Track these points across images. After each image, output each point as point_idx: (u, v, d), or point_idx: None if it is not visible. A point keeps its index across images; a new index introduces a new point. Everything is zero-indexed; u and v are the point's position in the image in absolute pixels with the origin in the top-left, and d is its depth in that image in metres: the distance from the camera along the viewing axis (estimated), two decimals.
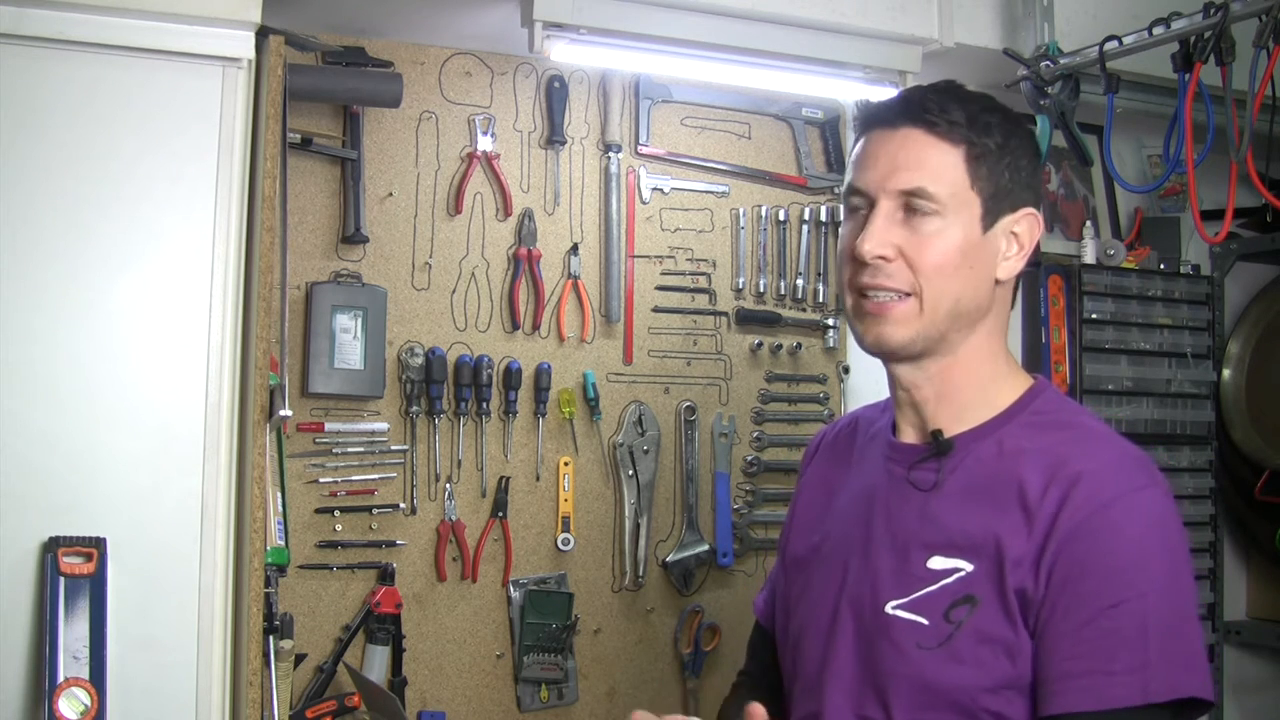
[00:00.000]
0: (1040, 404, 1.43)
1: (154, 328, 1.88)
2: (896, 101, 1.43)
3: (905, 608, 1.37)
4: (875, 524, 1.45)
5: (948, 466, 1.41)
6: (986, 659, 1.31)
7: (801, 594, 1.54)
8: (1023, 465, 1.35)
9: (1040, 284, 2.77)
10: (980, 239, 1.40)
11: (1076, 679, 1.26)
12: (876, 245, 1.37)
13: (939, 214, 1.37)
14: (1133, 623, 1.26)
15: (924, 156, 1.38)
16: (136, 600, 1.82)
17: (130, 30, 1.86)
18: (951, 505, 1.38)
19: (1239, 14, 2.12)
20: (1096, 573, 1.27)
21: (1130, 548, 1.29)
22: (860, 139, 1.45)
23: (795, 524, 1.64)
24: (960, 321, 1.40)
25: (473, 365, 2.51)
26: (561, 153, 2.63)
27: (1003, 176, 1.40)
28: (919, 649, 1.34)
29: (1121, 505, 1.30)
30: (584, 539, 2.62)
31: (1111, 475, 1.32)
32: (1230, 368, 2.98)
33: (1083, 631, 1.27)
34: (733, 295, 2.77)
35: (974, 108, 1.40)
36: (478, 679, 2.53)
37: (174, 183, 1.89)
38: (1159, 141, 2.49)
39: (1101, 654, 1.26)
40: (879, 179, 1.39)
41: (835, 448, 1.63)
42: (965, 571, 1.34)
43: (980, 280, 1.41)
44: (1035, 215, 1.44)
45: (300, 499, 2.39)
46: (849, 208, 1.45)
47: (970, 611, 1.32)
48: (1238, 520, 3.03)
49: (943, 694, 1.32)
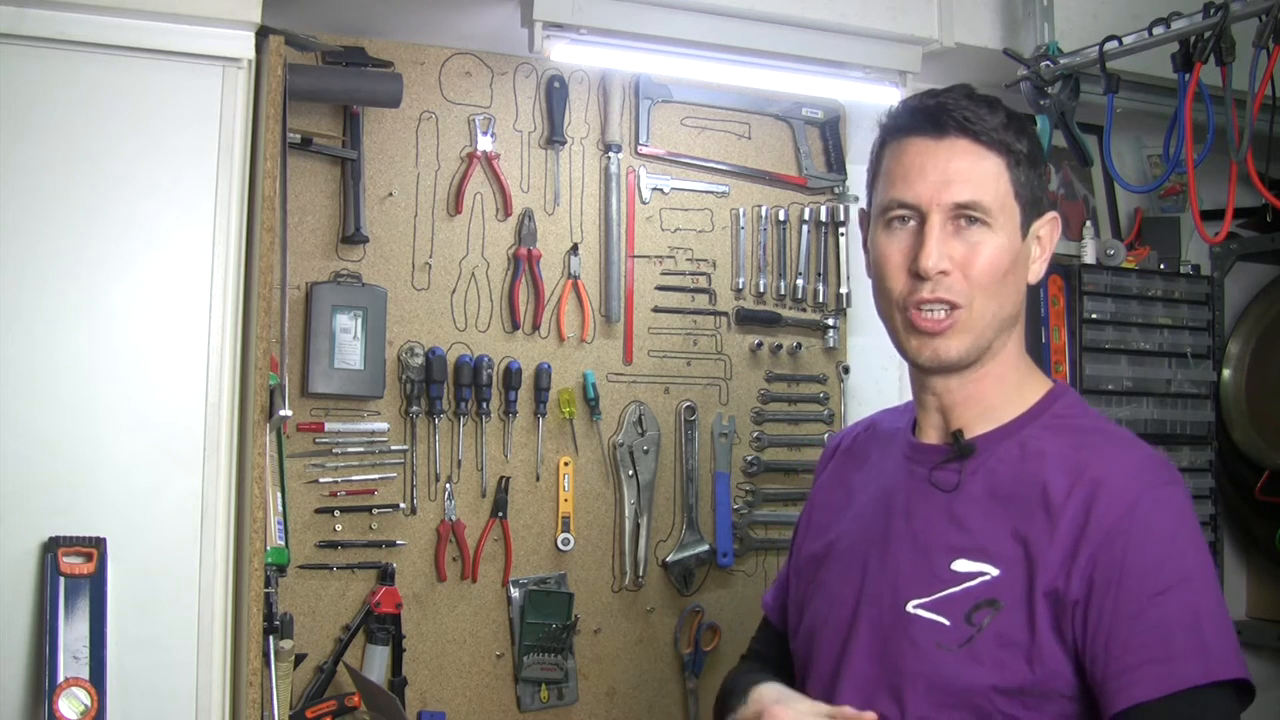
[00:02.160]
0: (1061, 407, 1.44)
1: (154, 328, 1.88)
2: (934, 109, 1.40)
3: (927, 607, 1.37)
4: (895, 523, 1.45)
5: (969, 468, 1.42)
6: (1006, 662, 1.31)
7: (816, 591, 1.54)
8: (1046, 468, 1.36)
9: (1040, 284, 2.75)
10: (1020, 245, 1.41)
11: (1137, 670, 1.26)
12: (940, 260, 1.36)
13: (989, 225, 1.38)
14: (1181, 608, 1.27)
15: (974, 168, 1.37)
16: (136, 600, 1.82)
17: (130, 30, 1.86)
18: (977, 508, 1.39)
19: (1239, 14, 2.12)
20: (1136, 569, 1.28)
21: (1163, 541, 1.30)
22: (894, 147, 1.42)
23: (811, 524, 1.64)
24: (1003, 329, 1.42)
25: (473, 365, 2.51)
26: (561, 153, 2.62)
27: (1034, 182, 1.42)
28: (939, 649, 1.35)
29: (1148, 503, 1.31)
30: (584, 539, 2.62)
31: (1134, 477, 1.33)
32: (1230, 368, 2.98)
33: (1133, 625, 1.27)
34: (733, 295, 2.77)
35: (1002, 115, 1.40)
36: (478, 679, 2.52)
37: (174, 183, 1.89)
38: (1159, 141, 2.49)
39: (1157, 642, 1.26)
40: (931, 192, 1.37)
41: (853, 450, 1.64)
42: (990, 576, 1.34)
43: (1019, 286, 1.43)
44: (1056, 218, 1.46)
45: (300, 499, 2.39)
46: (888, 219, 1.41)
47: (993, 615, 1.33)
48: (1238, 520, 3.03)
49: (959, 694, 1.33)
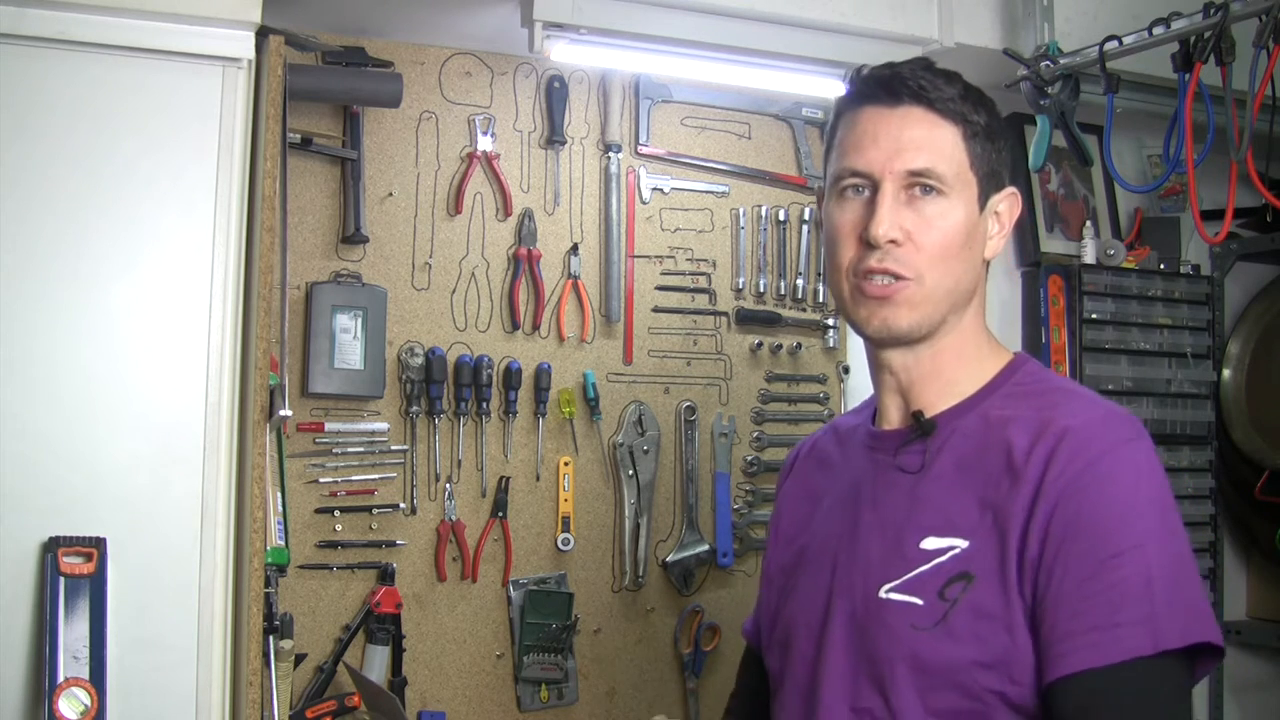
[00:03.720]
0: (1021, 376, 1.42)
1: (154, 328, 1.88)
2: (889, 79, 1.37)
3: (898, 589, 1.34)
4: (863, 514, 1.42)
5: (934, 446, 1.39)
6: (985, 634, 1.28)
7: (788, 598, 1.51)
8: (1010, 430, 1.33)
9: (1040, 284, 2.76)
10: (977, 219, 1.39)
11: (1083, 635, 1.22)
12: (890, 228, 1.34)
13: (944, 195, 1.35)
14: (1135, 573, 1.23)
15: (930, 136, 1.35)
16: (136, 600, 1.82)
17: (130, 30, 1.86)
18: (942, 485, 1.36)
19: (1239, 14, 2.12)
20: (1092, 528, 1.24)
21: (1123, 500, 1.26)
22: (848, 117, 1.40)
23: (779, 536, 1.61)
24: (957, 303, 1.39)
25: (473, 365, 2.51)
26: (561, 153, 2.62)
27: (992, 155, 1.39)
28: (913, 629, 1.31)
29: (1110, 459, 1.27)
30: (584, 539, 2.62)
31: (1098, 430, 1.29)
32: (1230, 368, 2.98)
33: (1084, 588, 1.23)
34: (733, 295, 2.77)
35: (959, 86, 1.38)
36: (478, 679, 2.52)
37: (174, 182, 1.89)
38: (1159, 141, 2.49)
39: (1106, 607, 1.22)
40: (884, 159, 1.35)
41: (814, 455, 1.62)
42: (960, 549, 1.31)
43: (975, 261, 1.40)
44: (1016, 194, 1.43)
45: (300, 499, 2.39)
46: (841, 189, 1.39)
47: (965, 588, 1.29)
48: (1238, 520, 3.03)
49: (941, 674, 1.29)
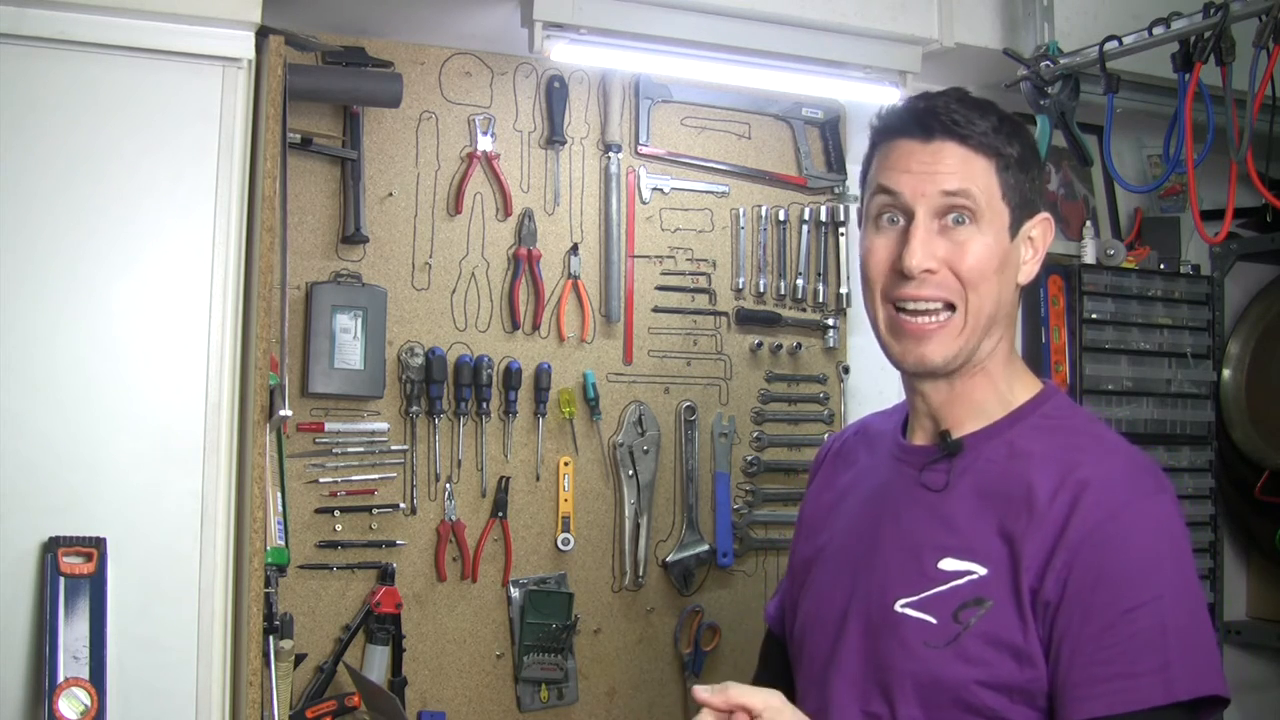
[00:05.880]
0: (1050, 408, 1.44)
1: (154, 328, 1.88)
2: (923, 113, 1.40)
3: (914, 606, 1.38)
4: (885, 524, 1.46)
5: (958, 468, 1.42)
6: (993, 660, 1.32)
7: (807, 593, 1.55)
8: (1032, 468, 1.36)
9: (1040, 284, 2.76)
10: (1009, 246, 1.41)
11: (1103, 684, 1.27)
12: (925, 258, 1.37)
13: (976, 223, 1.38)
14: (1151, 625, 1.27)
15: (962, 169, 1.38)
16: (136, 600, 1.82)
17: (130, 30, 1.86)
18: (964, 507, 1.39)
19: (1239, 14, 2.12)
20: (1111, 580, 1.28)
21: (1142, 553, 1.30)
22: (883, 149, 1.43)
23: (803, 529, 1.65)
24: (992, 330, 1.42)
25: (473, 365, 2.51)
26: (561, 153, 2.62)
27: (1025, 185, 1.42)
28: (926, 647, 1.35)
29: (1131, 512, 1.31)
30: (584, 539, 2.62)
31: (1121, 482, 1.33)
32: (1230, 368, 2.98)
33: (1104, 637, 1.27)
34: (733, 295, 2.77)
35: (993, 118, 1.40)
36: (478, 679, 2.52)
37: (174, 182, 1.89)
38: (1159, 141, 2.49)
39: (1124, 658, 1.27)
40: (917, 189, 1.38)
41: (842, 453, 1.65)
42: (977, 575, 1.35)
43: (1009, 287, 1.43)
44: (1049, 219, 1.46)
45: (300, 499, 2.39)
46: (876, 220, 1.42)
47: (979, 613, 1.33)
48: (1238, 520, 3.03)
49: (947, 690, 1.33)
